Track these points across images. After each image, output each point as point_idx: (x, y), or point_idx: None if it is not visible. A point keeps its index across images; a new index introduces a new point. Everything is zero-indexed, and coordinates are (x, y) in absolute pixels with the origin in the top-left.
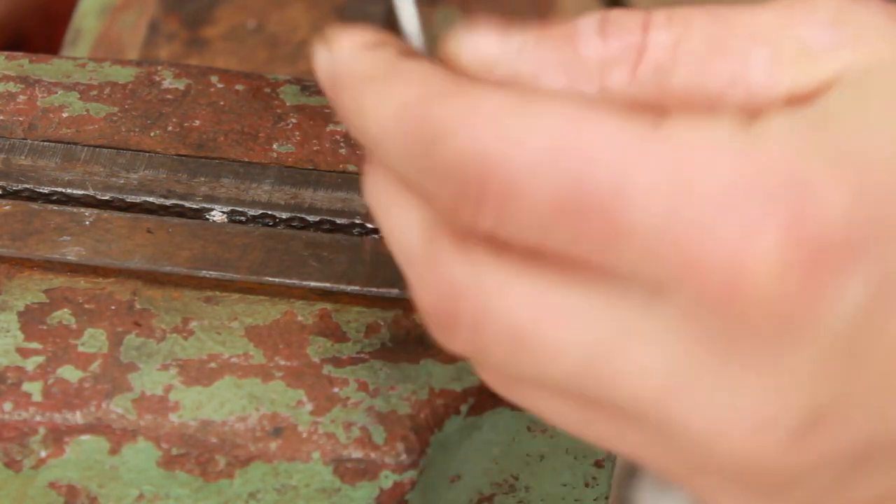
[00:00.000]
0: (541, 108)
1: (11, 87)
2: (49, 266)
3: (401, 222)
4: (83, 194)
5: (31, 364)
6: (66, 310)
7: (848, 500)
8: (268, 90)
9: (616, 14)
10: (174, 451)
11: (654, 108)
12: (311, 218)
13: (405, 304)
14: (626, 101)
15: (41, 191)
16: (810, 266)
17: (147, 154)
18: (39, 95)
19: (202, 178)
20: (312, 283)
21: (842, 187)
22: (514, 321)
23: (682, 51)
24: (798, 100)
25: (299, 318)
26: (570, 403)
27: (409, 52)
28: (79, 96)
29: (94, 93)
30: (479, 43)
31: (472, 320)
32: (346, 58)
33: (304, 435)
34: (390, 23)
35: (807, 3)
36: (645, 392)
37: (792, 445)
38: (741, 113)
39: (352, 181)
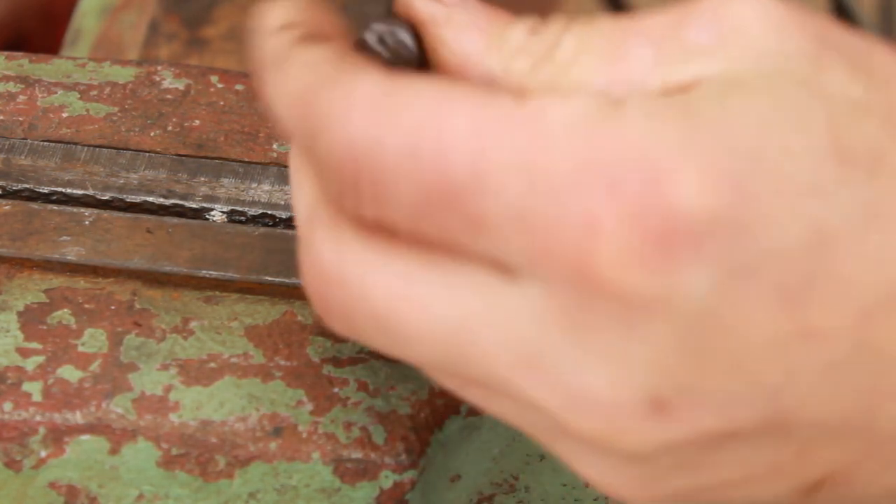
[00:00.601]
0: (406, 96)
1: (11, 87)
2: (49, 266)
3: (295, 196)
4: (83, 194)
5: (31, 364)
6: (66, 310)
7: (709, 479)
8: None
9: (551, 20)
10: (174, 451)
11: (522, 89)
12: None
13: None
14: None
15: (41, 191)
16: (655, 250)
17: (147, 154)
18: (39, 95)
19: (202, 178)
20: None
21: (693, 173)
22: (377, 306)
23: (583, 50)
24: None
25: (299, 318)
26: (447, 378)
27: (318, 34)
28: (79, 96)
29: (94, 93)
30: None
31: (341, 303)
32: (258, 37)
33: (304, 435)
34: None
35: (696, 6)
36: (503, 368)
37: (637, 427)
38: (605, 97)
39: None
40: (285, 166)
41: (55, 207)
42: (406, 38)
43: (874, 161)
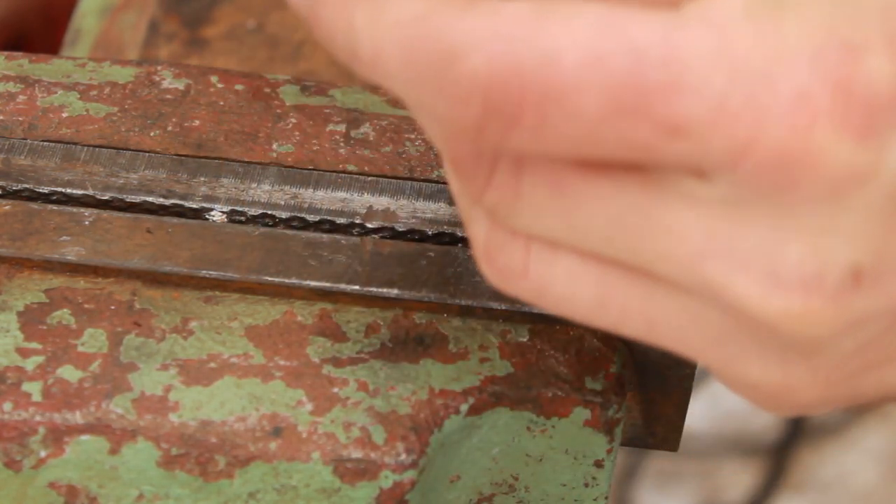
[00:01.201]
0: (568, 14)
1: (11, 87)
2: (49, 266)
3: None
4: (83, 194)
5: (30, 364)
6: (65, 310)
7: (877, 360)
8: (268, 90)
9: None
10: (174, 451)
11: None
12: (310, 218)
13: (405, 304)
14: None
15: (41, 191)
16: (865, 122)
17: (147, 154)
18: (39, 95)
19: (202, 178)
20: (312, 283)
21: (883, 46)
22: (552, 176)
23: None
24: None
25: (299, 318)
26: (594, 270)
27: None
28: (79, 96)
29: (94, 93)
30: None
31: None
32: None
33: (304, 435)
34: None
35: None
36: (682, 253)
37: (834, 301)
38: None
39: (351, 181)
40: (285, 166)
41: (55, 207)
42: None
43: None
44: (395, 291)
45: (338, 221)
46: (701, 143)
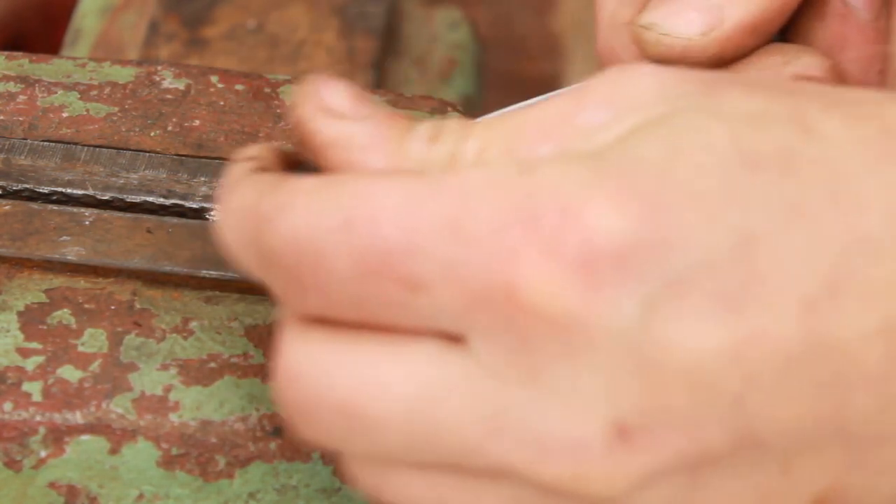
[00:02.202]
0: (340, 183)
1: (11, 87)
2: (49, 266)
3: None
4: (83, 194)
5: (30, 364)
6: (66, 310)
7: None
8: (268, 90)
9: (448, 124)
10: (174, 451)
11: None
12: None
13: None
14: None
15: (41, 191)
16: (578, 274)
17: (147, 154)
18: (39, 95)
19: (202, 178)
20: None
21: (604, 200)
22: (339, 396)
23: (484, 152)
24: None
25: None
26: (418, 479)
27: (269, 167)
28: (79, 96)
29: (94, 93)
30: (336, 94)
31: (306, 402)
32: (232, 167)
33: None
34: (390, 23)
35: (588, 88)
36: (469, 440)
37: (608, 461)
38: (522, 162)
39: None
40: None
41: (55, 207)
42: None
43: (785, 160)
44: None
45: None
46: (441, 301)
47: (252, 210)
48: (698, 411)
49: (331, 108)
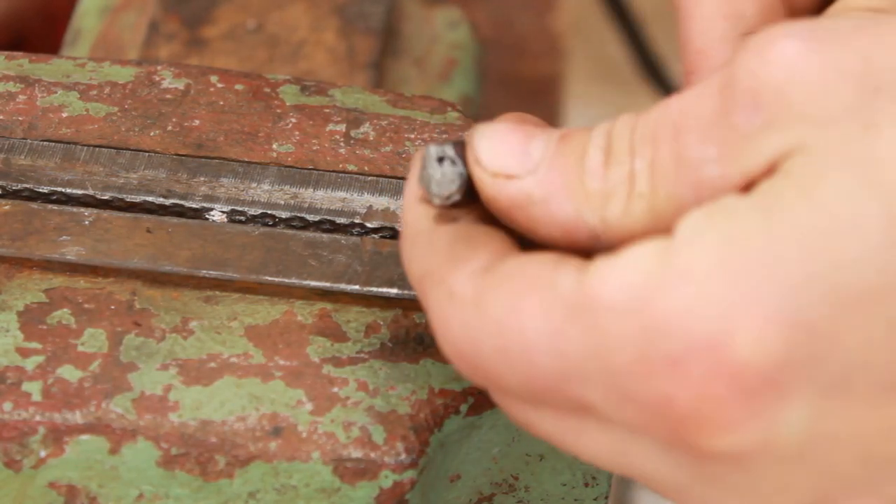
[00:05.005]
0: (489, 296)
1: (11, 86)
2: (49, 266)
3: None
4: (83, 194)
5: (30, 364)
6: (65, 309)
7: None
8: (267, 90)
9: (614, 133)
10: (174, 451)
11: (582, 265)
12: (310, 218)
13: (404, 304)
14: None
15: (41, 191)
16: (735, 410)
17: (147, 154)
18: (39, 95)
19: (202, 178)
20: (312, 283)
21: (749, 328)
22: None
23: (657, 173)
24: (750, 184)
25: (299, 318)
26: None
27: (447, 214)
28: (78, 96)
29: (94, 93)
30: (498, 153)
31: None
32: (404, 206)
33: (304, 435)
34: (390, 23)
35: (727, 81)
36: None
37: None
38: (663, 248)
39: (351, 181)
40: (285, 166)
41: (55, 207)
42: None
43: None
44: (394, 291)
45: (338, 221)
46: (612, 415)
47: (423, 294)
48: (872, 476)
49: (498, 171)
